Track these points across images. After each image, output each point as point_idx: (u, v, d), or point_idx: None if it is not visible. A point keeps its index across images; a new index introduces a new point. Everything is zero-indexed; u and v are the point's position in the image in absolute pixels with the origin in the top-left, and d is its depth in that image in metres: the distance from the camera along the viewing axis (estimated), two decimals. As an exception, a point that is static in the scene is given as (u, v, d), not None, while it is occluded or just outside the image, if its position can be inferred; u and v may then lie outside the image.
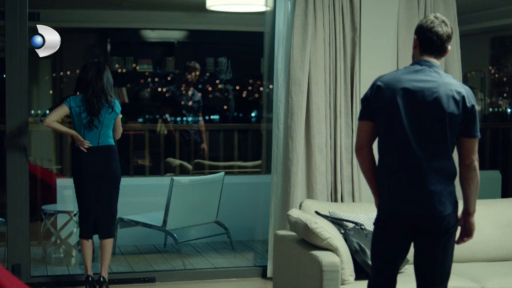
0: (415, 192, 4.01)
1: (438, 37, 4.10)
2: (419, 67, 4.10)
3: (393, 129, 4.02)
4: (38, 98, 14.23)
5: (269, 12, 7.09)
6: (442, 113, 3.96)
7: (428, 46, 4.12)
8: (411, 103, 3.99)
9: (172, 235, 7.29)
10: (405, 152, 4.00)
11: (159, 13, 11.16)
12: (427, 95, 3.99)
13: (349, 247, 5.22)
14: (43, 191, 8.49)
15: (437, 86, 4.01)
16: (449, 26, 4.12)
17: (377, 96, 4.05)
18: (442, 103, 3.97)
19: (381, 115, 4.06)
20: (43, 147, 11.24)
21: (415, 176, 4.00)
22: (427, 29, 4.10)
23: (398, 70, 4.21)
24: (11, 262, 6.34)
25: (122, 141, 8.44)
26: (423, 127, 3.99)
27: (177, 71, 12.19)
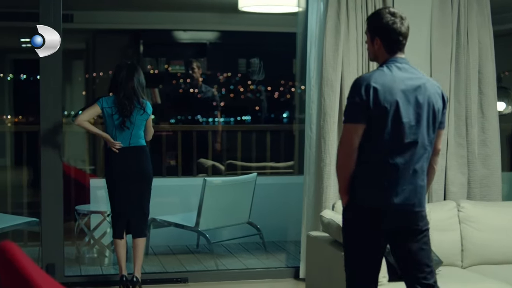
0: (409, 189, 4.07)
1: (403, 37, 4.14)
2: (400, 65, 4.13)
3: (394, 129, 4.02)
4: (71, 99, 14.36)
5: (302, 13, 7.09)
6: (434, 110, 4.12)
7: (396, 46, 4.14)
8: (409, 102, 4.04)
9: (205, 236, 7.30)
10: (403, 151, 4.03)
11: (192, 14, 11.20)
12: (421, 94, 4.08)
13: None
14: (76, 192, 8.55)
15: (425, 83, 4.13)
16: (405, 19, 4.16)
17: (376, 98, 3.99)
18: (434, 100, 4.12)
19: (381, 117, 4.01)
20: (76, 148, 11.34)
21: (410, 174, 4.07)
22: (391, 30, 4.11)
23: (380, 70, 4.12)
24: (45, 262, 6.40)
25: (155, 142, 8.48)
26: (419, 127, 4.06)
27: (209, 72, 12.21)
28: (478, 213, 5.97)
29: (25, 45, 13.97)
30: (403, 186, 4.06)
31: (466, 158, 6.56)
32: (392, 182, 4.04)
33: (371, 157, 4.06)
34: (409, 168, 4.06)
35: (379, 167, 4.06)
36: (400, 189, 4.06)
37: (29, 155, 9.30)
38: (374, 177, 4.08)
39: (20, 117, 15.58)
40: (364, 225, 4.13)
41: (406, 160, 4.05)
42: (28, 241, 8.06)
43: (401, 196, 4.06)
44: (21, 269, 2.64)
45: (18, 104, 15.29)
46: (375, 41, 4.17)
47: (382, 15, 4.14)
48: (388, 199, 4.05)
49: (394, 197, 4.05)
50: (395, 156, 4.03)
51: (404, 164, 4.04)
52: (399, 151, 4.04)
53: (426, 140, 4.11)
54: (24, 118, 15.48)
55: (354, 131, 4.02)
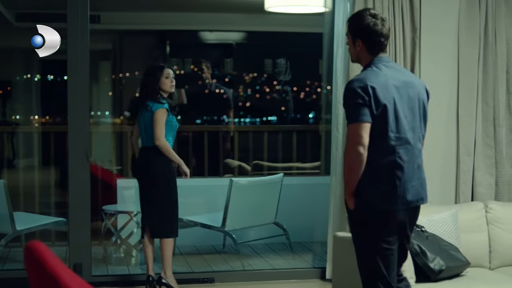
0: (417, 184, 4.21)
1: (384, 38, 4.23)
2: (387, 64, 4.23)
3: (395, 126, 4.10)
4: (98, 99, 14.40)
5: (328, 13, 7.07)
6: (424, 104, 4.27)
7: (378, 47, 4.23)
8: (402, 98, 4.14)
9: (231, 236, 7.30)
10: (408, 148, 4.14)
11: (218, 15, 11.22)
12: (411, 89, 4.20)
13: (409, 250, 5.17)
14: (103, 192, 8.59)
15: (412, 79, 4.30)
16: (386, 20, 4.24)
17: (376, 97, 4.05)
18: (422, 95, 4.28)
19: (383, 115, 4.06)
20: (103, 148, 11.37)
21: (416, 169, 4.20)
22: (372, 32, 4.19)
23: (371, 70, 4.19)
24: (72, 261, 6.43)
25: (181, 143, 8.50)
26: (414, 121, 4.19)
27: (235, 72, 12.23)
28: (506, 214, 5.92)
29: (52, 46, 14.05)
30: (412, 182, 4.16)
31: (494, 159, 6.51)
32: (403, 180, 4.11)
33: (378, 157, 4.09)
34: (414, 163, 4.18)
35: (388, 167, 4.11)
36: (410, 186, 4.15)
37: (57, 155, 9.35)
38: (383, 177, 4.12)
39: (47, 117, 15.67)
40: (379, 225, 4.17)
41: (410, 156, 4.15)
42: (55, 241, 8.11)
43: (412, 192, 4.17)
44: (49, 269, 2.65)
45: (45, 105, 15.39)
46: (357, 43, 4.25)
47: (363, 17, 4.21)
48: (401, 198, 4.13)
49: (407, 195, 4.14)
50: (401, 153, 4.11)
51: (409, 160, 4.15)
52: (403, 147, 4.12)
53: (421, 134, 4.26)
54: (51, 119, 15.57)
55: (363, 130, 4.03)
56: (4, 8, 10.04)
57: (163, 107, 6.18)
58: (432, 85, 6.44)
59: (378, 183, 4.11)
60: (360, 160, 4.03)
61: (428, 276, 5.14)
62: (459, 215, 5.75)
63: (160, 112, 6.17)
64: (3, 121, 14.99)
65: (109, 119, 14.20)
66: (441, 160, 6.54)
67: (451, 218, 5.67)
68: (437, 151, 6.53)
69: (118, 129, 12.23)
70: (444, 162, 6.53)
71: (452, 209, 5.80)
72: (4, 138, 10.79)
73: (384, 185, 4.11)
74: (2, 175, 10.07)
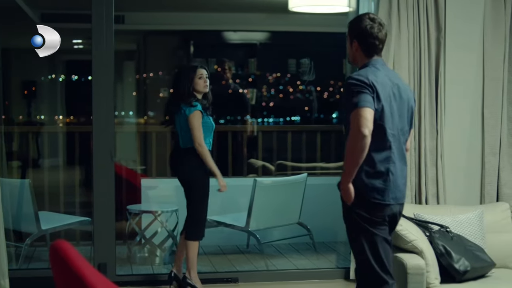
0: (403, 182, 4.36)
1: (380, 41, 4.37)
2: (381, 66, 4.36)
3: (392, 125, 4.24)
4: (122, 99, 14.46)
5: (352, 13, 7.04)
6: (411, 107, 4.42)
7: (373, 50, 4.37)
8: (395, 98, 4.28)
9: (255, 236, 7.30)
10: (398, 146, 4.29)
11: (242, 15, 11.22)
12: (402, 92, 4.34)
13: (434, 250, 5.16)
14: (128, 191, 8.62)
15: (403, 83, 4.45)
16: (384, 26, 4.40)
17: (377, 93, 4.16)
18: (411, 99, 4.43)
19: (382, 112, 4.19)
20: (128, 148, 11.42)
21: (404, 168, 4.36)
22: (370, 36, 4.34)
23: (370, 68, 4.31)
24: (97, 261, 6.45)
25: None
26: (402, 122, 4.33)
27: (259, 72, 12.23)
28: (532, 215, 5.90)
29: (77, 46, 14.12)
30: (400, 179, 4.32)
31: (519, 159, 6.48)
32: (395, 176, 4.27)
33: (376, 152, 4.20)
34: (401, 161, 4.34)
35: (384, 162, 4.23)
36: (400, 182, 4.32)
37: (81, 155, 9.40)
38: (380, 172, 4.23)
39: (71, 117, 15.75)
40: (375, 218, 4.29)
41: (399, 154, 4.31)
42: (80, 240, 8.14)
43: (400, 188, 4.33)
44: (74, 268, 2.67)
45: (69, 105, 15.46)
46: (353, 44, 4.41)
47: (362, 20, 4.38)
48: (393, 192, 4.27)
49: (397, 190, 4.29)
50: (394, 150, 4.26)
51: (400, 158, 4.31)
52: (395, 145, 4.27)
53: (407, 135, 4.41)
54: (76, 119, 15.65)
55: (369, 114, 4.08)
56: (29, 9, 10.10)
57: (196, 109, 6.13)
58: (457, 85, 6.44)
59: (375, 177, 4.22)
60: (365, 144, 4.04)
61: (453, 276, 5.12)
62: (484, 216, 5.73)
63: (194, 116, 6.12)
64: (28, 121, 15.07)
65: (133, 119, 14.25)
66: (466, 161, 6.51)
67: (476, 219, 5.64)
68: (462, 152, 6.50)
69: (142, 129, 12.27)
70: (469, 162, 6.50)
71: (477, 210, 5.78)
72: (29, 138, 10.84)
73: (380, 180, 4.23)
74: (27, 175, 10.12)
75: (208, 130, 6.22)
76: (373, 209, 4.25)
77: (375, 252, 4.30)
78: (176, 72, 6.46)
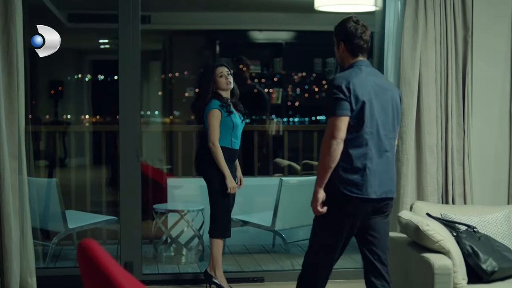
0: (385, 177, 4.53)
1: (364, 42, 4.61)
2: (366, 67, 4.58)
3: (371, 124, 4.44)
4: (147, 99, 14.51)
5: (379, 12, 7.02)
6: (396, 107, 4.61)
7: (358, 50, 4.61)
8: (378, 98, 4.48)
9: (281, 235, 7.30)
10: (378, 143, 4.47)
11: (267, 14, 11.22)
12: (386, 91, 4.55)
13: (461, 250, 5.13)
14: (154, 191, 8.64)
15: (387, 84, 4.68)
16: (368, 28, 4.64)
17: (356, 94, 4.40)
18: (396, 98, 4.61)
19: (360, 112, 4.40)
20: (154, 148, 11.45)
21: (384, 164, 4.52)
22: (354, 36, 4.59)
23: (353, 70, 4.54)
24: (123, 260, 6.48)
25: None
26: (385, 121, 4.52)
27: (284, 71, 12.22)
28: None
29: (103, 46, 14.19)
30: (380, 174, 4.48)
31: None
32: (372, 171, 4.44)
33: (353, 148, 4.42)
34: (382, 157, 4.51)
35: (360, 158, 4.43)
36: (378, 178, 4.47)
37: (108, 154, 9.44)
38: (356, 167, 4.42)
39: (97, 117, 15.82)
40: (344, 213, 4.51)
41: (379, 151, 4.48)
42: (107, 239, 8.18)
43: (380, 184, 4.48)
44: (102, 266, 2.68)
45: (95, 105, 15.53)
46: (340, 46, 4.66)
47: (347, 23, 4.64)
48: (370, 187, 4.43)
49: (375, 185, 4.45)
50: (372, 147, 4.45)
51: (378, 154, 4.48)
52: (374, 142, 4.46)
53: (392, 133, 4.58)
54: (102, 118, 15.72)
55: (343, 123, 4.36)
56: (56, 9, 10.16)
57: (213, 107, 6.19)
58: (484, 84, 6.41)
59: (352, 173, 4.42)
60: (336, 152, 4.35)
61: (480, 277, 5.09)
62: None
63: (211, 114, 6.19)
64: (55, 121, 15.16)
65: (158, 118, 14.30)
66: (493, 160, 6.47)
67: (504, 219, 5.61)
68: (490, 151, 6.47)
69: (168, 128, 12.31)
70: (496, 162, 6.47)
71: (505, 210, 5.74)
72: (56, 138, 10.90)
73: (357, 175, 4.42)
74: (54, 174, 10.18)
75: (227, 128, 6.24)
76: (348, 204, 4.46)
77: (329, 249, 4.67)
78: (200, 73, 6.50)
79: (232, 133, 6.24)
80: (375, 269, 4.65)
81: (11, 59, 5.87)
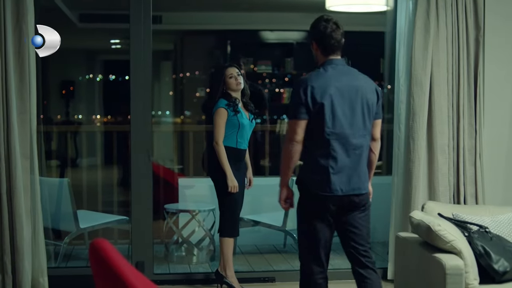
0: (353, 175, 4.63)
1: (335, 40, 4.67)
2: (336, 66, 4.66)
3: (332, 124, 4.55)
4: (158, 99, 14.52)
5: (390, 11, 7.02)
6: (368, 104, 4.66)
7: (330, 49, 4.68)
8: (344, 97, 4.57)
9: (292, 235, 7.30)
10: (343, 142, 4.58)
11: (278, 15, 11.22)
12: (355, 89, 4.62)
13: (473, 250, 5.11)
14: (165, 191, 8.65)
15: (360, 80, 4.70)
16: (340, 26, 4.70)
17: (313, 96, 4.53)
18: (368, 94, 4.66)
19: (320, 112, 4.53)
20: (165, 148, 11.47)
21: (352, 161, 4.62)
22: (326, 36, 4.66)
23: (317, 71, 4.66)
24: (135, 259, 6.49)
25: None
26: (354, 119, 4.60)
27: (295, 71, 12.21)
28: None
29: (114, 46, 14.21)
30: (346, 172, 4.60)
31: None
32: (336, 170, 4.57)
33: (315, 149, 4.60)
34: (349, 156, 4.61)
35: (323, 158, 4.58)
36: (344, 176, 4.60)
37: (119, 154, 9.45)
38: (319, 167, 4.59)
39: (109, 117, 15.86)
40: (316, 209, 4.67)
41: (345, 149, 4.59)
42: (118, 239, 8.19)
43: (346, 181, 4.60)
44: (114, 266, 2.68)
45: (107, 104, 15.57)
46: (313, 45, 4.76)
47: (318, 22, 4.73)
48: (335, 185, 4.58)
49: (340, 183, 4.59)
50: (335, 146, 4.57)
51: (344, 153, 4.59)
52: (337, 141, 4.57)
53: (362, 130, 4.64)
54: (113, 118, 15.75)
55: (299, 126, 4.56)
56: (68, 9, 10.18)
57: (220, 106, 6.21)
58: (496, 84, 6.40)
59: (315, 172, 4.61)
60: (294, 153, 4.59)
61: (492, 277, 5.08)
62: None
63: (216, 113, 6.22)
64: (66, 121, 15.21)
65: (169, 118, 14.31)
66: (505, 160, 6.46)
67: (515, 219, 5.59)
68: (501, 151, 6.45)
69: (179, 128, 12.32)
70: (508, 162, 6.46)
71: (516, 210, 5.73)
72: (67, 138, 10.93)
73: (320, 174, 4.59)
74: (66, 174, 10.21)
75: (232, 128, 6.25)
76: (316, 200, 4.63)
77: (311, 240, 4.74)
78: (211, 73, 6.53)
79: (238, 133, 6.25)
80: (360, 261, 4.84)
81: (22, 59, 5.90)
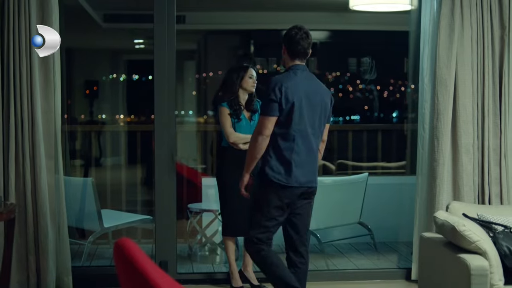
0: (310, 169, 5.12)
1: (302, 47, 5.10)
2: (301, 71, 5.09)
3: (299, 122, 4.99)
4: (182, 98, 14.55)
5: (414, 11, 7.00)
6: (325, 108, 5.15)
7: (296, 55, 5.12)
8: (309, 100, 5.03)
9: (315, 235, 7.28)
10: (305, 139, 5.04)
11: (302, 14, 11.20)
12: (316, 94, 5.09)
13: (498, 251, 5.08)
14: (189, 190, 8.67)
15: (319, 86, 5.18)
16: (310, 36, 5.13)
17: (286, 96, 4.95)
18: (325, 99, 5.16)
19: (290, 111, 4.96)
20: (188, 147, 11.48)
21: (309, 157, 5.09)
22: (294, 41, 5.08)
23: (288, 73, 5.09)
24: (158, 259, 6.50)
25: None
26: (313, 120, 5.07)
27: (318, 71, 12.20)
28: None
29: (138, 46, 14.26)
30: (305, 166, 5.07)
31: None
32: (297, 163, 5.03)
33: (281, 142, 5.01)
34: (308, 151, 5.07)
35: (287, 151, 5.01)
36: (303, 169, 5.06)
37: (143, 154, 9.49)
38: (283, 159, 5.01)
39: (132, 116, 15.92)
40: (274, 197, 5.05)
41: (305, 145, 5.05)
42: (141, 238, 8.21)
43: (304, 174, 5.07)
44: (138, 265, 2.69)
45: (130, 104, 15.63)
46: (283, 48, 5.16)
47: (291, 29, 5.13)
48: (295, 177, 5.03)
49: (300, 175, 5.05)
50: (299, 142, 5.02)
51: (304, 148, 5.05)
52: (301, 137, 5.02)
53: (318, 131, 5.14)
54: (136, 118, 15.81)
55: (270, 123, 4.98)
56: (92, 10, 10.23)
57: (222, 105, 6.27)
58: (522, 83, 6.34)
59: (279, 163, 5.03)
60: (261, 145, 5.00)
61: (518, 278, 5.05)
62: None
63: (219, 112, 6.31)
64: (90, 120, 15.28)
65: (193, 118, 14.34)
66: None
67: (541, 219, 5.55)
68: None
69: (202, 128, 12.34)
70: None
71: (542, 210, 5.69)
72: (91, 137, 10.98)
73: (283, 165, 5.03)
74: (90, 173, 10.26)
75: (239, 129, 6.29)
76: (273, 188, 5.03)
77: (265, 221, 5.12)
78: (227, 71, 6.52)
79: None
80: (295, 248, 5.35)
81: (47, 59, 5.94)
